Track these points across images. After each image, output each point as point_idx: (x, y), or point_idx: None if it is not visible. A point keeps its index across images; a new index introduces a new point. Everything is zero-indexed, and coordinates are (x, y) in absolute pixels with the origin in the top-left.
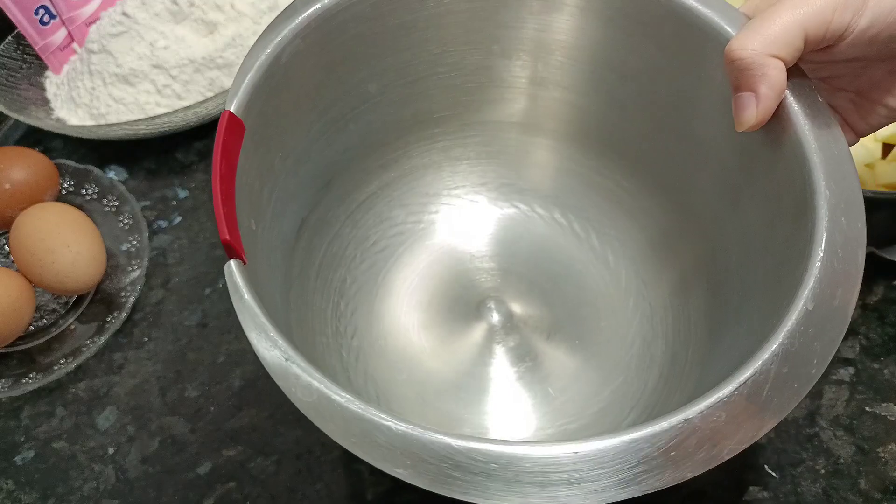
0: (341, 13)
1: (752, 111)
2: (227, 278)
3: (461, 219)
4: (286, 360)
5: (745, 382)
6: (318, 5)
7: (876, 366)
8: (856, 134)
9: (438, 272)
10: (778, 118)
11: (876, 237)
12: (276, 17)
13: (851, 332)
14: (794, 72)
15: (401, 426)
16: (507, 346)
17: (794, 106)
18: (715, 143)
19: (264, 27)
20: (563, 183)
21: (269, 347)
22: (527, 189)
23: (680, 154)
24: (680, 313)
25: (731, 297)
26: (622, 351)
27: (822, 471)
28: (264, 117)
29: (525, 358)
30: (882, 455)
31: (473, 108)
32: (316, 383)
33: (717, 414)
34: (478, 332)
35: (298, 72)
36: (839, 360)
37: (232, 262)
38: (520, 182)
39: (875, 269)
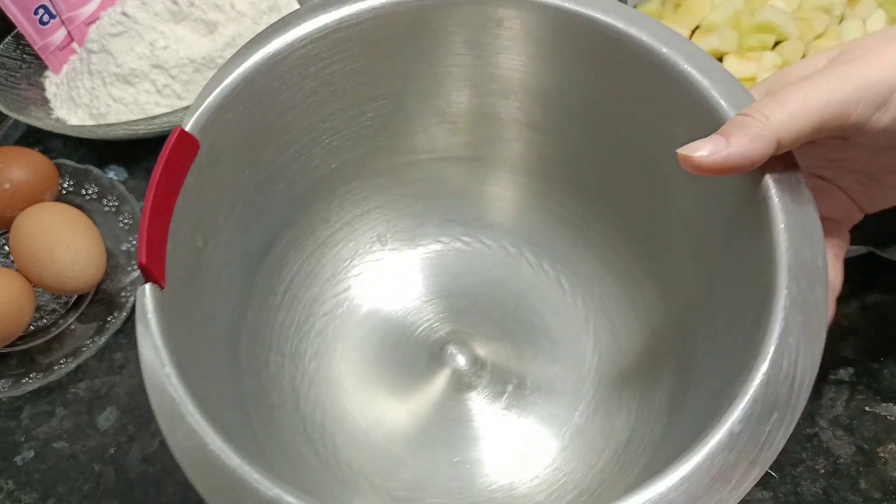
0: (327, 37)
1: (706, 152)
2: (136, 302)
3: (451, 254)
4: (175, 399)
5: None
6: (301, 28)
7: (876, 366)
8: (861, 211)
9: (417, 308)
10: (758, 205)
11: (876, 237)
12: (257, 35)
13: (851, 331)
14: (786, 161)
15: (273, 492)
16: (460, 396)
17: (776, 199)
18: (689, 212)
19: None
20: (555, 233)
21: (162, 384)
22: (513, 232)
23: (658, 217)
24: (648, 389)
25: (691, 386)
26: (581, 418)
27: (822, 471)
28: (229, 135)
29: (480, 414)
30: (882, 455)
31: (472, 145)
32: (197, 428)
33: None
34: (439, 378)
35: (272, 94)
36: (839, 360)
37: (147, 287)
38: (499, 222)
39: (875, 269)
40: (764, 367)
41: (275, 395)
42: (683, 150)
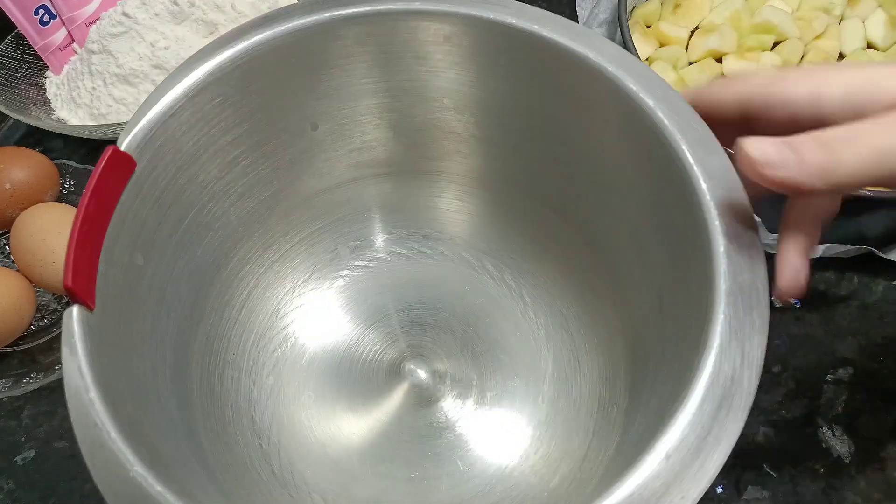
0: (276, 51)
1: (771, 163)
2: (63, 325)
3: (413, 267)
4: (97, 425)
5: None
6: (240, 46)
7: (875, 366)
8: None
9: (377, 321)
10: (699, 227)
11: (876, 237)
12: (198, 52)
13: (851, 331)
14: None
15: None
16: (418, 412)
17: (717, 222)
18: (638, 226)
19: None
20: (518, 247)
21: (85, 409)
22: (475, 245)
23: (611, 231)
24: (605, 406)
25: (641, 405)
26: (539, 433)
27: (822, 471)
28: (170, 152)
29: (439, 430)
30: (882, 455)
31: (431, 159)
32: (118, 455)
33: None
34: (398, 393)
35: (216, 110)
36: (839, 360)
37: (74, 309)
38: (460, 235)
39: (875, 269)
40: (699, 395)
41: (230, 411)
42: (749, 148)
